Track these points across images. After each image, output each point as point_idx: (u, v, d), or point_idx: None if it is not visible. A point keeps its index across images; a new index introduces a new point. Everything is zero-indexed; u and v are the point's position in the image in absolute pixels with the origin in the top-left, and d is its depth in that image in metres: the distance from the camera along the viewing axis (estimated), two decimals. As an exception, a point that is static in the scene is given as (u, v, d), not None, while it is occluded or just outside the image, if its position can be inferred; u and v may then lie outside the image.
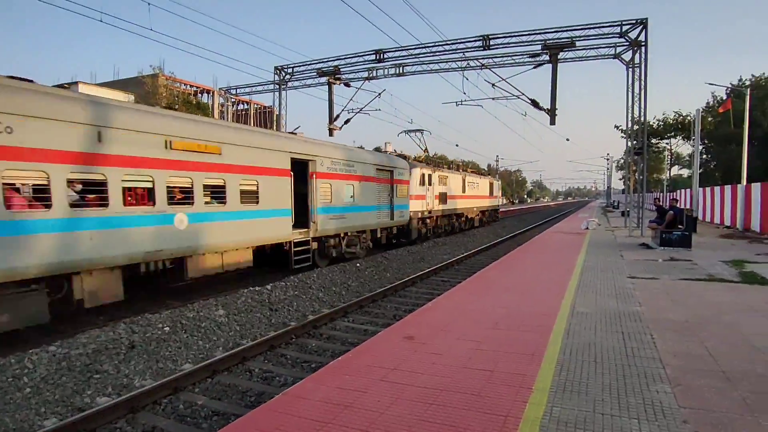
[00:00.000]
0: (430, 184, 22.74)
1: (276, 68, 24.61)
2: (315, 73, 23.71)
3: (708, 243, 16.14)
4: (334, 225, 14.51)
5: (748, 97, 22.77)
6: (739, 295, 7.98)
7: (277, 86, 24.91)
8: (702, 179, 32.10)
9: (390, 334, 6.03)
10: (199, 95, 50.46)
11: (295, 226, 12.78)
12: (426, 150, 26.63)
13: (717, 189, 27.27)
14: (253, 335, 8.07)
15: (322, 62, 23.34)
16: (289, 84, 24.94)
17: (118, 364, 6.47)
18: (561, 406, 3.85)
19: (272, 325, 8.67)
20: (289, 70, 24.48)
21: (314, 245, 13.74)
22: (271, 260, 12.64)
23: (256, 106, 55.10)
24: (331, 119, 24.31)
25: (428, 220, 22.90)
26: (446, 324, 6.41)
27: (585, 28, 18.39)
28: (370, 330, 8.23)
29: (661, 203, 17.71)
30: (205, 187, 9.97)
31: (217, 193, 10.30)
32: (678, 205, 16.81)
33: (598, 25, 18.31)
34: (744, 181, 21.62)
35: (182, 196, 9.54)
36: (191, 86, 51.07)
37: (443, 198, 24.58)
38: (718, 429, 3.45)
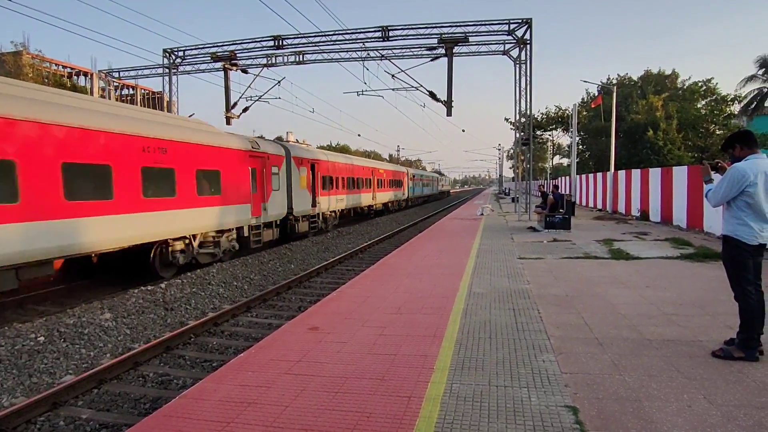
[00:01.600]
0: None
1: (165, 51, 22.82)
2: (209, 58, 22.35)
3: (584, 225, 18.01)
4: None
5: (614, 95, 25.61)
6: (608, 270, 9.03)
7: (167, 70, 23.13)
8: (579, 167, 35.53)
9: (294, 326, 5.94)
10: (75, 77, 45.15)
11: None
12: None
13: (591, 176, 30.51)
14: (146, 338, 7.50)
15: (217, 46, 22.07)
16: (180, 68, 23.30)
17: (-21, 382, 5.67)
18: (460, 383, 4.07)
19: (168, 326, 8.12)
20: (180, 54, 22.86)
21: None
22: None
23: (143, 91, 50.70)
24: (228, 107, 23.12)
25: None
26: (351, 312, 6.46)
27: (477, 25, 19.44)
28: (274, 324, 8.03)
29: (544, 190, 19.34)
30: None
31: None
32: (559, 191, 18.49)
33: (488, 23, 19.45)
34: (612, 170, 24.40)
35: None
36: (64, 67, 45.55)
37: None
38: (593, 388, 3.89)
